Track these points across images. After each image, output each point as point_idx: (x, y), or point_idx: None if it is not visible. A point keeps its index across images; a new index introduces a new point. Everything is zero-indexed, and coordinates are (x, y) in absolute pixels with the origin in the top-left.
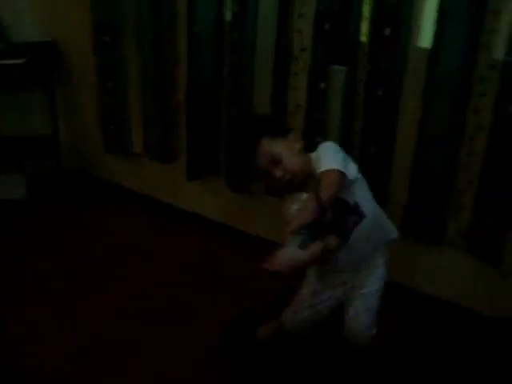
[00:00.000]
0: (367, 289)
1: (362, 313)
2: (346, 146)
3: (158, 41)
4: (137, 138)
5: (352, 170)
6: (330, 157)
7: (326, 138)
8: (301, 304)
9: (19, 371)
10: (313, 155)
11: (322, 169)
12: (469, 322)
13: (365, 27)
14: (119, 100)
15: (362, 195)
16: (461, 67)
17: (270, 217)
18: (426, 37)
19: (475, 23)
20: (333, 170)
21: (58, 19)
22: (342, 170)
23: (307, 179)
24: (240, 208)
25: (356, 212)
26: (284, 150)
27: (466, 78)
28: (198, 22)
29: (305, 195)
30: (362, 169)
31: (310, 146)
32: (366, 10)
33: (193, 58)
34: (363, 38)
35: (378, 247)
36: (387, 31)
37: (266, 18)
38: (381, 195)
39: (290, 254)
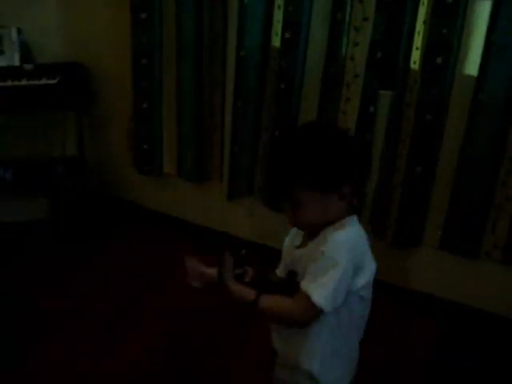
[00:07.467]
0: None
1: None
2: (389, 168)
3: (197, 64)
4: (170, 158)
5: (337, 296)
6: (323, 275)
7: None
8: None
9: None
10: (335, 228)
11: (304, 286)
12: None
13: (416, 56)
14: (155, 120)
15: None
16: (503, 93)
17: None
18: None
19: None
20: (308, 299)
21: (86, 41)
22: (320, 304)
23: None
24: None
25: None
26: (312, 203)
27: (508, 102)
28: (245, 46)
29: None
30: (407, 189)
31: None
32: (418, 40)
33: (239, 81)
34: (414, 66)
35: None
36: (439, 60)
37: (316, 46)
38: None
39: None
